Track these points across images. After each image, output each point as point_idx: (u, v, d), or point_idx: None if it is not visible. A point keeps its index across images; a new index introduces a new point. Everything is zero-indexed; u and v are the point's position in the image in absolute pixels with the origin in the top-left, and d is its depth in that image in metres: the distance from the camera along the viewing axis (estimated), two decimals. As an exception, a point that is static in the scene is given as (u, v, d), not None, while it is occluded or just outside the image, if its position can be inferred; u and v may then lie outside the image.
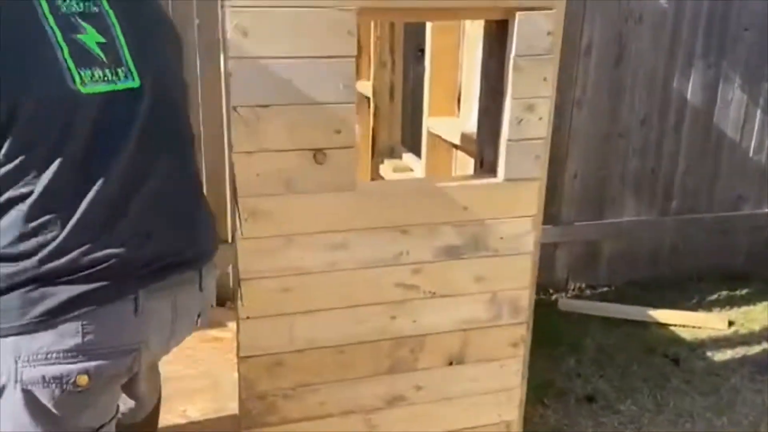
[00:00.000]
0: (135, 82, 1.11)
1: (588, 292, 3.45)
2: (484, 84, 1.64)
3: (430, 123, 2.09)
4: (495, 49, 1.57)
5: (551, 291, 3.42)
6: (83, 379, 1.04)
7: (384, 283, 1.57)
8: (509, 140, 1.55)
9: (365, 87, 2.75)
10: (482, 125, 1.68)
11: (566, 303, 3.27)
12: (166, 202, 1.14)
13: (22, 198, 1.01)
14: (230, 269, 1.67)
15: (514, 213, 1.61)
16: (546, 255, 3.36)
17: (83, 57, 1.04)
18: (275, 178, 1.42)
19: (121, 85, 1.08)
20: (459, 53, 2.01)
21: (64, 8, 1.05)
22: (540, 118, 1.55)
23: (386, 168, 2.55)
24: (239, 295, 1.49)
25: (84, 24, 1.06)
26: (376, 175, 2.68)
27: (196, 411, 2.30)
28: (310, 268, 1.50)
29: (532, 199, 1.61)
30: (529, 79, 1.51)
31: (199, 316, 1.27)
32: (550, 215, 3.30)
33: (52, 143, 1.01)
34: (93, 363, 1.04)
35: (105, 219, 1.06)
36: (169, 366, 2.53)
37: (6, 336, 1.01)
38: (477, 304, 1.66)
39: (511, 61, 1.49)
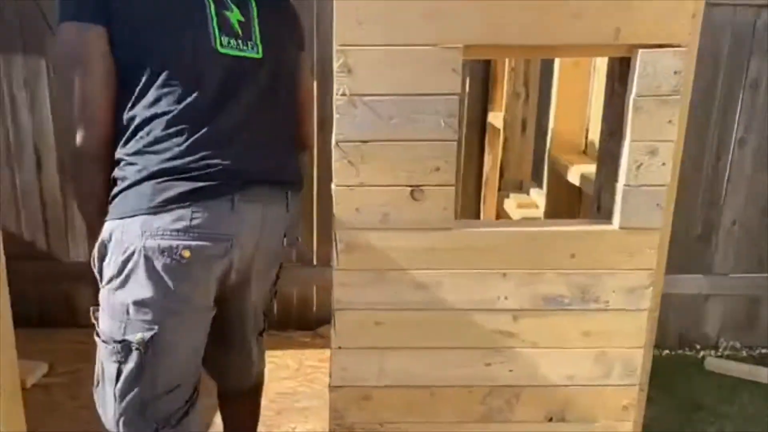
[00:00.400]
0: (258, 54, 1.48)
1: (743, 352, 3.09)
2: (605, 123, 1.53)
3: (553, 159, 1.99)
4: (617, 88, 1.46)
5: (698, 347, 3.11)
6: (186, 253, 1.37)
7: (480, 327, 1.51)
8: (626, 185, 1.42)
9: (497, 118, 2.69)
10: (601, 167, 1.56)
11: (715, 363, 2.95)
12: (266, 138, 1.49)
13: (166, 113, 1.37)
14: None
15: (630, 265, 1.47)
16: (694, 307, 3.07)
17: (225, 27, 1.43)
18: (373, 213, 1.42)
19: (248, 54, 1.46)
20: (588, 87, 1.90)
21: None
22: (663, 164, 1.41)
23: (511, 203, 2.47)
24: (333, 323, 1.51)
25: (232, 5, 1.46)
26: (501, 210, 2.60)
27: (304, 429, 2.37)
28: (403, 305, 1.49)
29: (651, 250, 1.47)
30: (651, 122, 1.38)
31: (285, 236, 1.59)
32: (702, 264, 3.02)
33: (193, 81, 1.38)
34: (194, 242, 1.37)
35: (219, 139, 1.40)
36: (287, 382, 2.65)
37: (138, 215, 1.36)
38: (583, 360, 1.54)
39: (631, 102, 1.37)
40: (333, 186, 1.42)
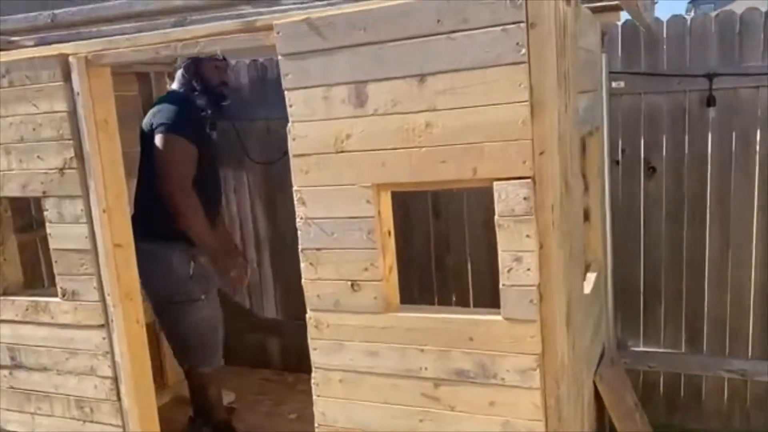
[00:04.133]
0: None
1: None
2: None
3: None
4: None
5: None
6: None
7: (411, 390, 1.96)
8: (503, 285, 1.79)
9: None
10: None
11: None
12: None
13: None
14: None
15: (517, 349, 1.81)
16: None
17: None
18: (328, 300, 2.01)
19: None
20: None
21: None
22: (528, 269, 1.75)
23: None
24: (313, 377, 2.10)
25: None
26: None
27: None
28: (355, 368, 2.02)
29: (533, 339, 1.79)
30: (512, 236, 1.75)
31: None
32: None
33: None
34: None
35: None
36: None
37: None
38: (493, 426, 1.88)
39: (496, 221, 1.76)
40: (303, 280, 2.05)
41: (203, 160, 2.78)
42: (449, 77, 1.74)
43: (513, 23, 1.65)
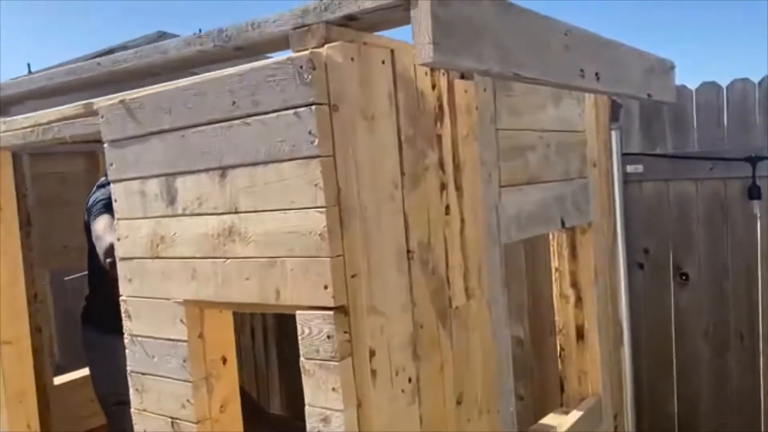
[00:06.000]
0: None
1: None
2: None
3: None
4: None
5: None
6: None
7: None
8: (315, 455, 1.31)
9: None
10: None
11: None
12: None
13: None
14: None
15: None
16: None
17: None
18: (153, 437, 1.64)
19: None
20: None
21: None
22: (337, 437, 1.26)
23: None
24: None
25: None
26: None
27: None
28: None
29: None
30: (319, 387, 1.27)
31: None
32: None
33: None
34: None
35: None
36: None
37: None
38: None
39: (301, 363, 1.31)
40: (132, 409, 1.69)
41: None
42: (248, 172, 1.34)
43: (304, 106, 1.23)
